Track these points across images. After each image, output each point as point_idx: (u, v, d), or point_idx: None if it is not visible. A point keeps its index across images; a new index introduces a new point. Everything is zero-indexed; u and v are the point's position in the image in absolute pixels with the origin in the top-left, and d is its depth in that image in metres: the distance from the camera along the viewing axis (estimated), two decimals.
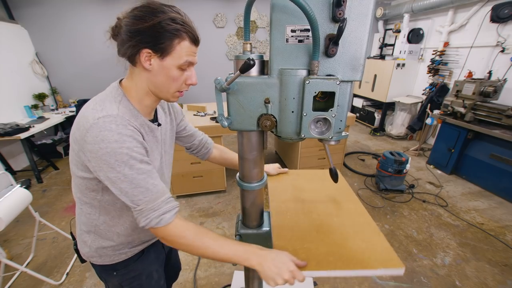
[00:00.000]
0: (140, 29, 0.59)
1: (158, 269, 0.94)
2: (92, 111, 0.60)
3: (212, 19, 4.35)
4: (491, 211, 2.52)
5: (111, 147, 0.57)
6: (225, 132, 2.57)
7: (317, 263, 0.66)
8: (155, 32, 0.59)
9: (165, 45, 0.60)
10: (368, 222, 0.82)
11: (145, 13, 0.59)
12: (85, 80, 4.13)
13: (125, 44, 0.61)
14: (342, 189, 1.03)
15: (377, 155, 3.81)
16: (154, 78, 0.65)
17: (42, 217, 1.90)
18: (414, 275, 1.82)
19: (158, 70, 0.63)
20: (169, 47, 0.61)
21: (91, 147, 0.58)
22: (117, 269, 0.83)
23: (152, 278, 0.91)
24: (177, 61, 0.63)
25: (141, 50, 0.60)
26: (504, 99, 2.99)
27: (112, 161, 0.58)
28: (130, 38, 0.60)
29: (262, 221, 0.90)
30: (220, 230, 2.28)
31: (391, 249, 0.69)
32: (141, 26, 0.59)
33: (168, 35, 0.59)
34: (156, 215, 0.61)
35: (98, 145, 0.57)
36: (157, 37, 0.59)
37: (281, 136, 0.64)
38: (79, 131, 0.61)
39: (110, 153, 0.57)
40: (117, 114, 0.61)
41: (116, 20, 0.63)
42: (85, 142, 0.59)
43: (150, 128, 0.73)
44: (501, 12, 2.93)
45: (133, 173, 0.60)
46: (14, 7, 3.58)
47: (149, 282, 0.89)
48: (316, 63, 0.53)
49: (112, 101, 0.64)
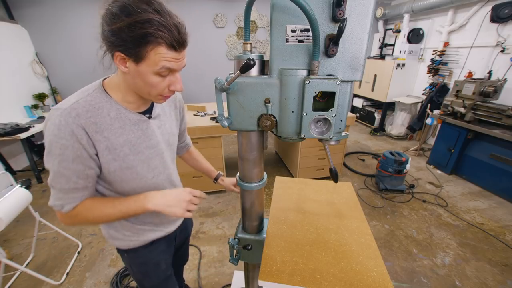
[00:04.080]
0: (113, 30, 0.55)
1: (167, 259, 0.99)
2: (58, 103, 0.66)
3: (212, 19, 4.35)
4: (491, 211, 2.52)
5: (50, 139, 0.61)
6: (225, 132, 2.57)
7: (302, 279, 0.65)
8: (126, 35, 0.54)
9: (137, 50, 0.55)
10: (368, 243, 0.78)
11: (119, 11, 0.53)
12: (85, 80, 4.07)
13: (102, 42, 0.60)
14: (349, 204, 0.98)
15: (377, 155, 3.81)
16: (132, 80, 0.63)
17: (42, 217, 1.90)
18: (414, 275, 1.82)
19: (134, 74, 0.60)
20: (142, 53, 0.56)
21: (44, 132, 0.63)
22: (128, 253, 0.89)
23: (159, 268, 0.95)
24: (152, 67, 0.58)
25: (115, 53, 0.58)
26: (504, 99, 2.99)
27: (48, 149, 0.62)
28: (104, 38, 0.58)
29: (262, 227, 0.90)
30: (220, 230, 2.28)
31: (387, 275, 0.66)
32: (114, 27, 0.54)
33: (140, 41, 0.54)
34: (60, 203, 0.67)
35: (44, 133, 0.63)
36: (128, 41, 0.54)
37: (281, 136, 0.63)
38: None
39: (49, 142, 0.61)
40: (66, 109, 0.61)
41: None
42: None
43: (132, 121, 0.71)
44: (501, 12, 2.93)
45: (60, 168, 0.63)
46: (14, 7, 3.58)
47: (155, 270, 0.94)
48: (316, 63, 0.52)
49: (80, 93, 0.66)
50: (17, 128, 2.84)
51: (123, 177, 0.73)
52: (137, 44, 0.55)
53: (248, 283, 1.02)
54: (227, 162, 3.05)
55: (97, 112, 0.65)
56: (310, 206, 0.97)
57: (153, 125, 0.77)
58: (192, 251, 2.03)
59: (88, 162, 0.65)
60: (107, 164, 0.69)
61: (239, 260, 0.91)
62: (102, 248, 2.07)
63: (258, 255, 0.86)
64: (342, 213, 0.93)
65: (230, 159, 3.72)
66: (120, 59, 0.58)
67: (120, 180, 0.73)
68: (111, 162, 0.69)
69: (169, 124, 0.85)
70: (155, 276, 0.95)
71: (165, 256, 0.97)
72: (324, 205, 0.98)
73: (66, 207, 0.67)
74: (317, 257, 0.72)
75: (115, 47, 0.57)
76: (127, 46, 0.55)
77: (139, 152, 0.74)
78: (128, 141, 0.71)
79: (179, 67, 0.63)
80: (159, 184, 0.83)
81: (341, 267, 0.69)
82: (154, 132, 0.77)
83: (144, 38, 0.54)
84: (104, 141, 0.66)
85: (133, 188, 0.76)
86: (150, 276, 0.94)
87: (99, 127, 0.65)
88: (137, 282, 0.99)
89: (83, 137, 0.62)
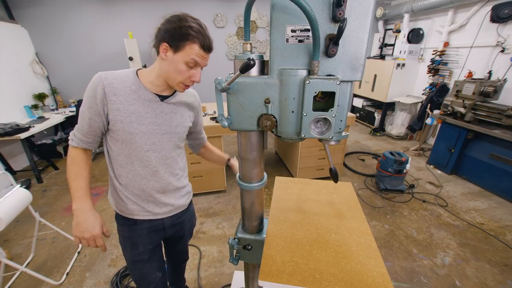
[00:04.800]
0: (167, 29, 0.78)
1: (147, 245, 1.04)
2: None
3: (212, 19, 4.35)
4: (491, 211, 2.52)
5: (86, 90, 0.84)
6: (225, 132, 2.57)
7: (302, 279, 0.65)
8: (175, 33, 0.77)
9: (179, 43, 0.77)
10: (368, 243, 0.78)
11: (174, 19, 0.78)
12: (85, 80, 4.08)
13: (155, 38, 0.82)
14: (349, 204, 0.98)
15: (377, 155, 3.81)
16: (166, 66, 0.82)
17: (42, 217, 1.90)
18: (414, 275, 1.82)
19: (170, 61, 0.80)
20: (181, 46, 0.78)
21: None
22: (117, 219, 1.03)
23: (136, 248, 1.03)
24: (185, 57, 0.79)
25: (162, 43, 0.79)
26: (504, 99, 2.99)
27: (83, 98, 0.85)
28: (158, 34, 0.81)
29: (262, 227, 0.90)
30: (220, 230, 2.28)
31: (387, 275, 0.66)
32: (168, 27, 0.78)
33: (183, 37, 0.77)
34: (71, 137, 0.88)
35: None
36: (175, 36, 0.77)
37: (281, 136, 0.63)
38: None
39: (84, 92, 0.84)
40: (102, 73, 0.83)
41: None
42: None
43: (146, 97, 0.88)
44: (501, 12, 2.93)
45: (81, 111, 0.85)
46: (14, 7, 3.58)
47: (131, 249, 1.03)
48: (316, 63, 0.52)
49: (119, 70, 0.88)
50: (17, 128, 2.84)
51: (124, 138, 0.87)
52: (180, 39, 0.77)
53: (248, 283, 1.02)
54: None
55: (122, 81, 0.85)
56: (310, 206, 0.97)
57: (165, 108, 0.92)
58: (192, 251, 2.03)
59: (96, 115, 0.83)
60: (113, 121, 0.84)
61: (239, 260, 0.91)
62: None
63: (258, 255, 0.86)
64: (342, 213, 0.93)
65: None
66: (163, 49, 0.80)
67: (121, 140, 0.87)
68: (117, 122, 0.84)
69: (180, 115, 0.97)
70: (131, 253, 1.04)
71: (145, 241, 1.03)
72: (324, 205, 0.98)
73: (70, 142, 0.88)
74: (317, 257, 0.72)
75: (163, 40, 0.79)
76: (172, 39, 0.77)
77: (143, 124, 0.88)
78: (136, 111, 0.86)
79: (203, 64, 0.84)
80: (152, 160, 0.92)
81: (341, 267, 0.68)
82: (162, 113, 0.91)
83: (186, 36, 0.77)
84: (118, 102, 0.83)
85: (129, 152, 0.90)
86: (127, 251, 1.05)
87: (117, 91, 0.83)
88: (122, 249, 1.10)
89: (99, 95, 0.81)
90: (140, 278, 1.10)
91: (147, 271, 1.09)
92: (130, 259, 1.06)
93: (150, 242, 1.05)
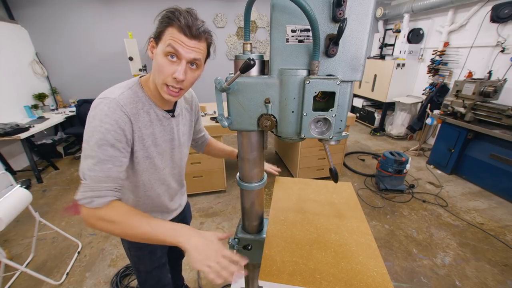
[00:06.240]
0: (156, 24, 0.68)
1: (163, 248, 1.04)
2: (102, 93, 0.70)
3: (212, 19, 4.35)
4: (491, 211, 2.52)
5: (95, 124, 0.65)
6: (225, 132, 2.57)
7: (302, 279, 0.65)
8: (158, 23, 0.67)
9: (159, 32, 0.66)
10: (368, 243, 0.77)
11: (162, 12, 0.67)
12: (85, 80, 4.12)
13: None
14: (349, 204, 0.98)
15: (377, 155, 3.81)
16: (153, 67, 0.71)
17: (42, 217, 1.90)
18: (414, 275, 1.82)
19: (154, 58, 0.69)
20: (161, 34, 0.66)
21: (87, 120, 0.67)
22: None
23: (155, 254, 1.00)
24: (163, 46, 0.65)
25: (150, 40, 0.71)
26: (504, 99, 2.99)
27: (90, 136, 0.65)
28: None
29: (262, 227, 0.90)
30: (220, 230, 2.28)
31: (387, 275, 0.66)
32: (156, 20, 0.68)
33: (162, 23, 0.66)
34: (90, 195, 0.62)
35: (89, 120, 0.66)
36: (157, 27, 0.67)
37: (281, 136, 0.63)
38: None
39: (92, 128, 0.65)
40: (115, 98, 0.68)
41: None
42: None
43: (158, 116, 0.79)
44: (501, 12, 2.93)
45: (98, 153, 0.64)
46: (14, 7, 3.58)
47: (150, 257, 1.00)
48: (316, 63, 0.52)
49: (122, 87, 0.73)
50: (17, 128, 2.84)
51: (144, 166, 0.79)
52: (160, 27, 0.66)
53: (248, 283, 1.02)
54: (227, 162, 3.05)
55: (136, 104, 0.72)
56: (310, 206, 0.97)
57: (173, 123, 0.85)
58: None
59: (125, 149, 0.70)
60: (136, 153, 0.75)
61: None
62: (102, 248, 2.07)
63: (258, 255, 0.86)
64: (342, 213, 0.93)
65: (230, 159, 3.72)
66: (151, 46, 0.70)
67: (141, 170, 0.79)
68: (139, 151, 0.76)
69: (182, 124, 0.92)
70: (149, 262, 1.00)
71: (161, 245, 0.99)
72: (324, 205, 0.98)
73: (96, 201, 0.62)
74: (317, 257, 0.72)
75: (152, 35, 0.70)
76: (156, 31, 0.67)
77: (158, 145, 0.81)
78: (152, 134, 0.78)
79: (186, 54, 0.66)
80: (166, 177, 0.88)
81: (341, 267, 0.68)
82: (172, 129, 0.85)
83: (165, 21, 0.65)
84: (138, 131, 0.73)
85: (147, 179, 0.82)
86: (145, 261, 1.00)
87: (136, 118, 0.72)
88: (133, 265, 1.04)
89: (126, 124, 0.68)
90: (156, 284, 1.07)
91: (164, 275, 1.08)
92: (149, 268, 1.01)
93: (164, 245, 1.02)
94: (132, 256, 1.00)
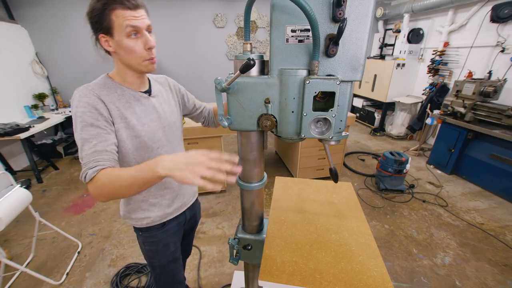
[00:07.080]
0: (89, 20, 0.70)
1: (176, 242, 1.06)
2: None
3: (212, 19, 4.35)
4: (491, 211, 2.52)
5: (74, 111, 0.72)
6: (225, 132, 2.57)
7: (302, 279, 0.65)
8: (95, 16, 0.67)
9: (106, 22, 0.68)
10: (368, 243, 0.78)
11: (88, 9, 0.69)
12: (85, 80, 4.02)
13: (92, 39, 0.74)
14: (349, 204, 0.98)
15: (377, 155, 3.81)
16: (119, 56, 0.75)
17: (42, 217, 1.90)
18: (414, 275, 1.82)
19: (117, 48, 0.72)
20: (109, 23, 0.68)
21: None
22: (142, 231, 0.98)
23: (168, 249, 1.02)
24: (122, 31, 0.69)
25: (98, 37, 0.72)
26: (504, 99, 2.99)
27: (74, 124, 0.72)
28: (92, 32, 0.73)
29: (262, 227, 0.90)
30: (220, 230, 2.28)
31: (387, 275, 0.66)
32: (89, 17, 0.70)
33: (102, 13, 0.67)
34: (84, 170, 0.67)
35: (71, 111, 0.74)
36: (98, 20, 0.68)
37: (281, 136, 0.63)
38: None
39: (74, 116, 0.72)
40: (85, 86, 0.75)
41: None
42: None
43: (135, 97, 0.83)
44: (501, 12, 2.93)
45: (82, 134, 0.70)
46: (14, 7, 3.58)
47: (164, 251, 1.02)
48: (316, 63, 0.52)
49: (93, 81, 0.79)
50: (17, 128, 2.84)
51: (134, 145, 0.82)
52: (102, 18, 0.67)
53: (248, 283, 1.02)
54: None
55: (107, 89, 0.77)
56: (310, 206, 0.97)
57: (154, 102, 0.88)
58: (192, 251, 2.03)
59: (106, 126, 0.73)
60: (120, 131, 0.78)
61: (239, 260, 0.91)
62: (102, 248, 2.07)
63: (258, 255, 0.86)
64: (342, 213, 0.93)
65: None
66: (104, 41, 0.71)
67: (132, 148, 0.82)
68: (123, 129, 0.78)
69: (166, 104, 0.94)
70: (163, 256, 1.02)
71: (175, 239, 1.04)
72: (324, 205, 0.98)
73: (88, 172, 0.65)
74: (317, 257, 0.72)
75: (96, 32, 0.70)
76: (100, 24, 0.68)
77: (145, 124, 0.83)
78: (134, 113, 0.81)
79: (143, 24, 0.72)
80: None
81: (341, 267, 0.68)
82: (156, 108, 0.88)
83: (102, 10, 0.66)
84: (117, 110, 0.77)
85: (141, 157, 0.85)
86: (159, 255, 1.01)
87: (110, 99, 0.76)
88: (147, 260, 1.06)
89: (98, 103, 0.72)
90: (171, 280, 1.09)
91: (178, 270, 1.11)
92: (163, 263, 1.03)
93: (178, 239, 1.07)
94: (147, 250, 1.02)
